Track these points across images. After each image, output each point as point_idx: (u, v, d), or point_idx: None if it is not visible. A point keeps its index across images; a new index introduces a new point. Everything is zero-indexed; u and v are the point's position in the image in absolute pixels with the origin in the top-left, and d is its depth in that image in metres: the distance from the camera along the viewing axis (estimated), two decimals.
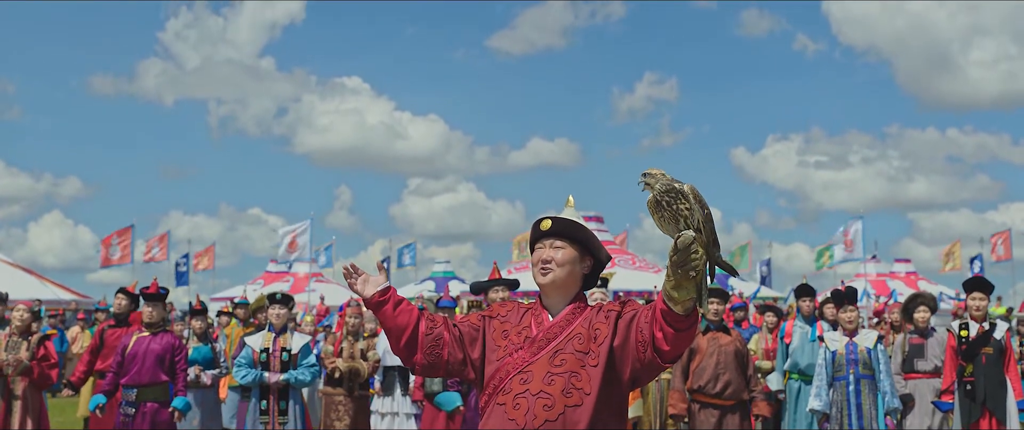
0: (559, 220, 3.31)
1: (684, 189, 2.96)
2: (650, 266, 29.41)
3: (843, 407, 7.92)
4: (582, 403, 3.08)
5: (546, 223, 3.31)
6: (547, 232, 3.30)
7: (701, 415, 7.68)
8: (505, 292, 7.51)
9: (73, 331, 16.02)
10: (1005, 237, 31.55)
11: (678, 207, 2.94)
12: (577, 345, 3.17)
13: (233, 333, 11.11)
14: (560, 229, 3.31)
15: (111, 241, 26.06)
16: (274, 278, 31.69)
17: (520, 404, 3.10)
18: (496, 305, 3.44)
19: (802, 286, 10.32)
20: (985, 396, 7.86)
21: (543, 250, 3.30)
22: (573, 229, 3.31)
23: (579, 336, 3.19)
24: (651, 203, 3.00)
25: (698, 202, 2.96)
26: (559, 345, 3.18)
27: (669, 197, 2.95)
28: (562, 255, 3.27)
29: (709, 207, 2.99)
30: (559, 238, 3.30)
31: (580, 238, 3.32)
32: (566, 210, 3.39)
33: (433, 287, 29.32)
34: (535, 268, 3.31)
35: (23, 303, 8.76)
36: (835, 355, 8.03)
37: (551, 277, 3.26)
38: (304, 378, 7.99)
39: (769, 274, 34.59)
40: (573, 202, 3.41)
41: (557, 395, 3.08)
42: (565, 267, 3.27)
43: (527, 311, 3.34)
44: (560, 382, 3.10)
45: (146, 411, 7.61)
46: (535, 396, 3.09)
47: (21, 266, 25.10)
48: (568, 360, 3.14)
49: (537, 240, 3.34)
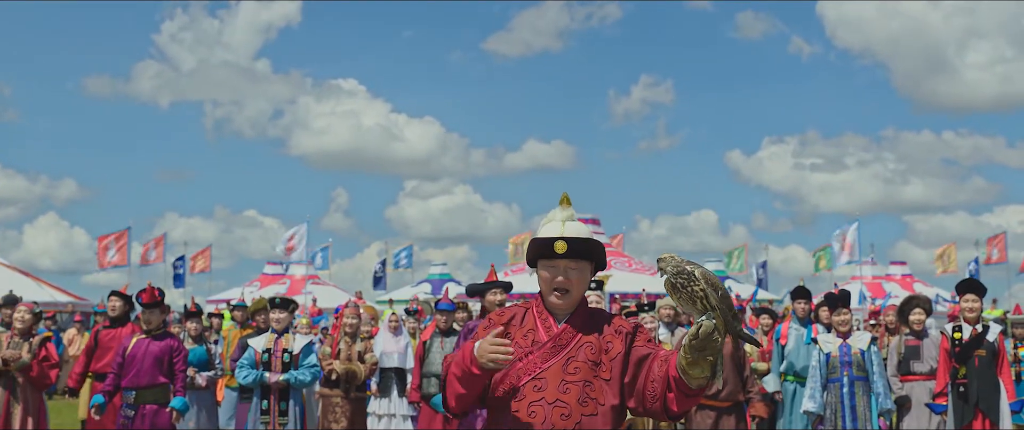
0: (574, 243, 3.18)
1: (694, 273, 2.98)
2: (646, 268, 29.47)
3: (837, 408, 7.96)
4: (597, 413, 3.07)
5: (561, 246, 3.17)
6: (565, 255, 3.17)
7: (697, 416, 7.71)
8: (502, 294, 7.54)
9: (69, 333, 16.02)
10: (1000, 240, 31.64)
11: (693, 289, 2.97)
12: (589, 354, 3.13)
13: (230, 335, 11.13)
14: (579, 253, 3.20)
15: (108, 243, 26.06)
16: (271, 280, 31.70)
17: (536, 412, 3.06)
18: (494, 315, 3.36)
19: (797, 289, 10.37)
20: (978, 398, 7.91)
21: (556, 271, 3.19)
22: (588, 249, 3.21)
23: (590, 345, 3.15)
24: (667, 285, 3.03)
25: (710, 284, 2.97)
26: (571, 352, 3.14)
27: (682, 279, 2.99)
28: (579, 278, 3.20)
29: (723, 287, 3.02)
30: (573, 259, 3.20)
31: (594, 257, 3.24)
32: (564, 211, 3.28)
33: (430, 289, 29.36)
34: (547, 289, 3.21)
35: (24, 304, 8.76)
36: (829, 357, 8.07)
37: (569, 301, 3.21)
38: (304, 378, 8.03)
39: (765, 277, 34.66)
40: (569, 200, 3.31)
41: (573, 404, 3.05)
42: (581, 288, 3.22)
43: (526, 312, 3.28)
44: (575, 391, 3.07)
45: (145, 413, 7.64)
46: (551, 405, 3.05)
47: (17, 268, 25.07)
48: (581, 369, 3.10)
49: (548, 258, 3.20)
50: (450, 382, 3.16)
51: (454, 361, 3.17)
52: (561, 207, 3.30)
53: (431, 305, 14.46)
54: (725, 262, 34.86)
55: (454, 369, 3.15)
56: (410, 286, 31.81)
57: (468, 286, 7.89)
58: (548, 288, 3.22)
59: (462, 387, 3.12)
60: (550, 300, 3.22)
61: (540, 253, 3.22)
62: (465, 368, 3.09)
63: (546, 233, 3.23)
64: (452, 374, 3.15)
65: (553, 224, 3.25)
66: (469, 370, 3.07)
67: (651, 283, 24.21)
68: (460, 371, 3.11)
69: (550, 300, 3.22)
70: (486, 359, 3.02)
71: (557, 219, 3.26)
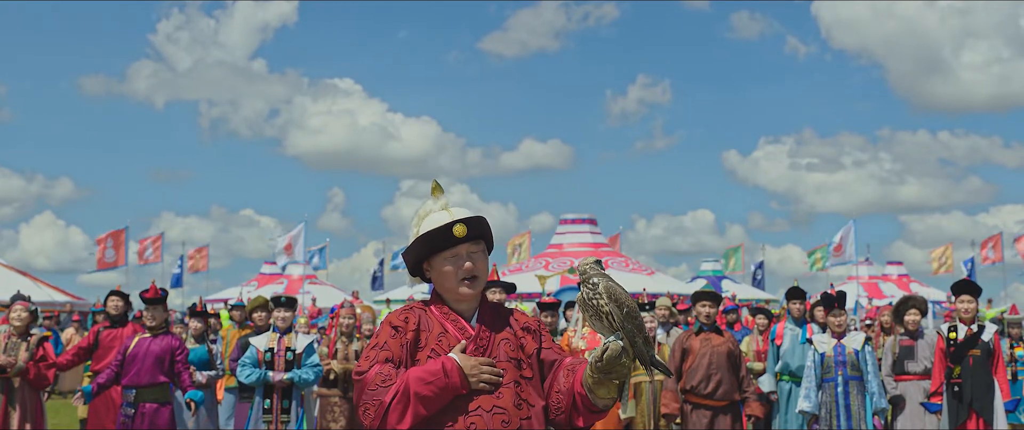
0: (474, 222, 2.97)
1: (599, 286, 2.78)
2: (643, 268, 29.54)
3: (832, 408, 8.03)
4: (531, 416, 2.86)
5: (461, 229, 2.92)
6: (466, 238, 2.94)
7: (693, 415, 7.77)
8: (501, 294, 7.59)
9: (67, 332, 16.03)
10: (996, 240, 31.72)
11: (598, 303, 2.77)
12: (509, 350, 2.93)
13: (229, 335, 11.17)
14: (478, 233, 2.98)
15: (105, 243, 26.06)
16: (268, 280, 31.74)
17: (475, 422, 2.80)
18: (394, 316, 3.01)
19: (792, 289, 10.42)
20: (972, 397, 7.97)
21: (460, 260, 2.94)
22: (484, 227, 3.00)
23: (507, 341, 2.94)
24: (579, 300, 2.87)
25: (614, 301, 2.76)
26: (493, 353, 2.91)
27: (587, 290, 2.80)
28: (483, 263, 3.00)
29: (632, 305, 2.77)
30: (474, 242, 2.98)
31: (487, 235, 3.03)
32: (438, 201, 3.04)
33: (427, 290, 29.40)
34: (455, 281, 2.94)
35: (20, 303, 8.78)
36: (823, 357, 8.14)
37: (478, 288, 2.98)
38: (307, 377, 8.08)
39: (762, 276, 34.75)
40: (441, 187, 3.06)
41: (511, 408, 2.83)
42: (486, 271, 3.02)
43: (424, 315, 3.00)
44: (508, 394, 2.85)
45: (145, 412, 7.67)
46: (489, 412, 2.81)
47: (15, 268, 25.08)
48: (508, 369, 2.88)
49: (447, 248, 2.94)
50: (411, 403, 2.78)
51: (415, 379, 2.80)
52: (434, 198, 3.05)
53: None
54: (722, 262, 34.95)
55: (420, 388, 2.78)
56: (407, 286, 31.85)
57: None
58: (456, 280, 2.94)
59: (428, 408, 2.79)
60: (461, 291, 2.95)
61: (434, 246, 2.95)
62: (443, 387, 2.79)
63: (434, 223, 2.97)
64: (413, 394, 2.77)
65: (437, 214, 3.00)
66: (452, 389, 2.80)
67: (649, 283, 24.30)
68: (433, 391, 2.79)
69: (461, 291, 2.95)
70: (478, 381, 2.81)
71: (437, 209, 3.03)
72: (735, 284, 31.76)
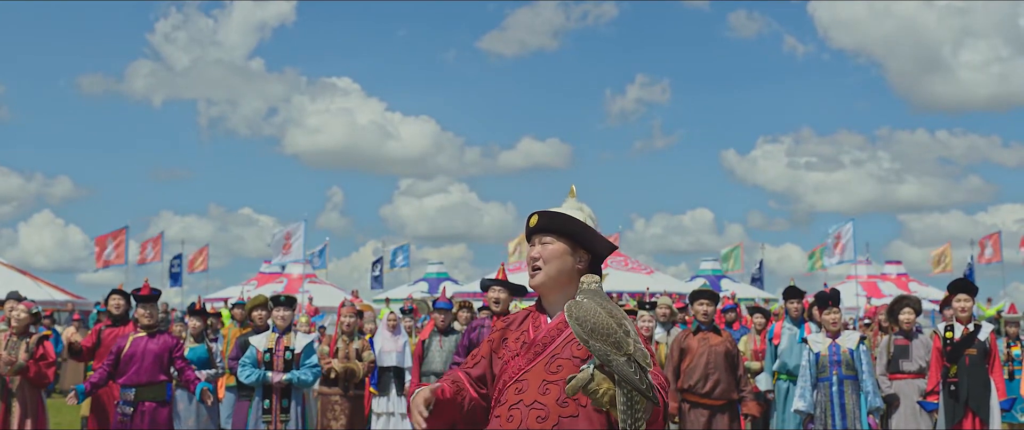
0: (545, 214, 3.09)
1: (570, 309, 2.76)
2: (642, 267, 29.56)
3: (827, 407, 8.08)
4: (578, 414, 2.87)
5: (533, 219, 3.08)
6: (535, 228, 3.08)
7: (691, 414, 7.81)
8: (503, 293, 7.61)
9: (68, 331, 16.04)
10: (995, 238, 31.75)
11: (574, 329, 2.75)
12: (574, 350, 2.94)
13: (229, 334, 11.21)
14: (546, 224, 3.08)
15: (105, 242, 26.08)
16: (268, 279, 31.70)
17: (513, 415, 2.91)
18: (498, 321, 3.25)
19: (790, 288, 10.45)
20: (968, 397, 8.01)
21: (532, 248, 3.10)
22: (561, 222, 3.07)
23: (577, 342, 2.90)
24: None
25: (578, 322, 2.70)
26: (556, 350, 2.97)
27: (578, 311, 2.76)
28: (550, 251, 3.05)
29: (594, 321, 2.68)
30: (547, 234, 3.08)
31: (570, 231, 3.07)
32: (567, 202, 3.18)
33: (426, 288, 29.46)
34: (528, 269, 3.12)
35: (23, 304, 8.83)
36: (818, 356, 8.18)
37: (541, 277, 3.06)
38: (306, 378, 8.10)
39: (761, 276, 34.78)
40: (575, 191, 3.21)
41: (552, 405, 2.88)
42: (554, 263, 3.04)
43: (528, 315, 3.15)
44: (555, 391, 2.89)
45: (144, 410, 7.70)
46: (528, 407, 2.90)
47: (15, 267, 25.10)
48: (565, 366, 2.92)
49: (529, 238, 3.14)
50: None
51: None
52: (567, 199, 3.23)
53: (427, 304, 14.57)
54: (721, 261, 34.98)
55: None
56: (407, 285, 31.89)
57: (482, 280, 8.00)
58: (528, 271, 3.10)
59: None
60: (529, 283, 3.11)
61: (527, 237, 3.15)
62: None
63: None
64: None
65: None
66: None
67: (649, 282, 24.36)
68: None
69: (529, 283, 3.11)
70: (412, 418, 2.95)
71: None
72: (734, 283, 31.77)
